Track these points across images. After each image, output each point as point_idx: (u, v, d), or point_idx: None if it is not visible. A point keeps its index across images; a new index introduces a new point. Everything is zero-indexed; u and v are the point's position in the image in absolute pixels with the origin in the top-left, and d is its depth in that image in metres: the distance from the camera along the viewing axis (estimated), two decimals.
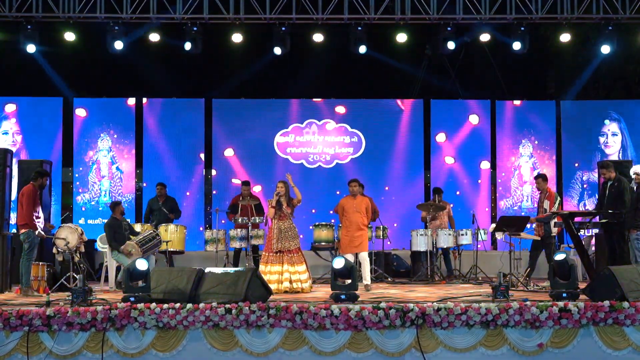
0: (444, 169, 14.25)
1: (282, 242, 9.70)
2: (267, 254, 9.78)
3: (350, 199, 10.17)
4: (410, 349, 7.01)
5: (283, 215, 9.80)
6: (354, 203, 10.10)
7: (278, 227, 9.76)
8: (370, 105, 14.45)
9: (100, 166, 13.92)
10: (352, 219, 10.02)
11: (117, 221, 10.43)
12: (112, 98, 14.19)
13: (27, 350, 6.95)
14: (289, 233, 9.73)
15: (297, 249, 9.78)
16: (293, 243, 9.72)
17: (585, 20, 12.08)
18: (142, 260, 7.51)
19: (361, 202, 10.16)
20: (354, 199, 10.14)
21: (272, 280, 9.41)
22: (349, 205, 10.10)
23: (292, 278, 9.58)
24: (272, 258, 9.69)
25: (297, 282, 9.57)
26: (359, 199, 10.17)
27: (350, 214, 10.05)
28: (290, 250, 9.69)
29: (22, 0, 11.70)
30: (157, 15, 11.89)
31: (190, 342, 7.04)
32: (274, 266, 9.63)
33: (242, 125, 14.19)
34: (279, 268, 9.62)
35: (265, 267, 9.62)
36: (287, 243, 9.69)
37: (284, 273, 9.58)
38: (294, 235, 9.77)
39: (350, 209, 10.06)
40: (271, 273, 9.56)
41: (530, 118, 14.33)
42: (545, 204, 10.51)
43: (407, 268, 12.46)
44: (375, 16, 11.96)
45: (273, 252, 9.71)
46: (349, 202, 10.14)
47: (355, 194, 10.16)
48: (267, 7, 11.87)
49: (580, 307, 6.97)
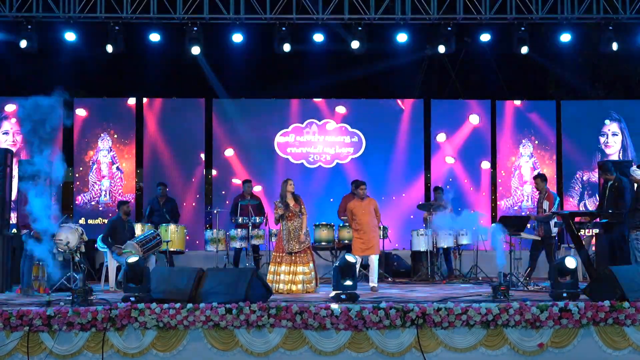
0: (444, 169, 14.25)
1: (292, 242, 9.63)
2: (278, 254, 9.69)
3: (358, 202, 10.13)
4: (410, 348, 7.01)
5: (292, 214, 9.71)
6: (362, 205, 10.08)
7: (287, 227, 9.67)
8: (370, 105, 14.45)
9: (101, 166, 13.91)
10: (363, 221, 9.99)
11: (122, 221, 10.47)
12: (112, 98, 14.19)
13: (27, 350, 6.96)
14: (295, 233, 9.64)
15: (307, 249, 9.71)
16: (304, 244, 9.65)
17: (585, 20, 12.08)
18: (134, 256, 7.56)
19: (369, 203, 10.14)
20: (362, 202, 10.11)
21: (285, 281, 9.40)
22: (359, 208, 10.06)
23: (304, 279, 9.54)
24: (283, 258, 9.63)
25: (307, 284, 9.53)
26: (366, 201, 10.14)
27: (360, 217, 10.01)
28: (300, 251, 9.66)
29: (22, 0, 11.70)
30: (157, 15, 11.90)
31: (190, 342, 7.05)
32: (286, 266, 9.55)
33: (243, 125, 14.17)
34: (290, 268, 9.54)
35: (276, 267, 9.54)
36: (295, 244, 9.61)
37: (297, 275, 9.53)
38: (299, 235, 9.64)
39: (359, 211, 10.03)
40: (284, 273, 9.50)
41: (530, 118, 14.32)
42: (544, 204, 10.51)
43: (407, 268, 12.46)
44: (376, 16, 11.97)
45: (284, 253, 9.64)
46: (357, 204, 10.10)
47: (363, 196, 10.15)
48: (267, 7, 11.88)
49: (581, 307, 6.98)
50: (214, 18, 11.98)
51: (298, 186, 10.07)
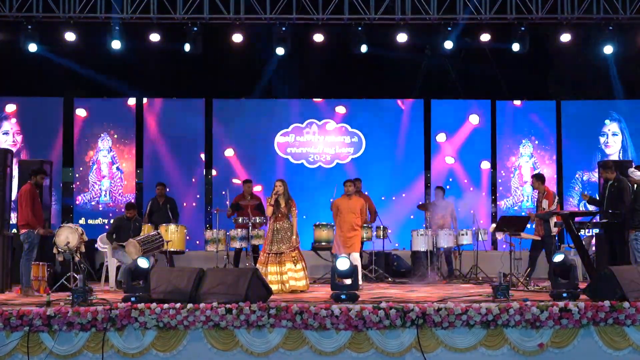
0: (444, 169, 14.25)
1: (277, 244, 9.68)
2: (264, 254, 9.76)
3: (345, 200, 10.20)
4: (410, 349, 7.01)
5: (280, 215, 9.77)
6: (348, 203, 10.13)
7: (274, 228, 9.74)
8: (370, 105, 14.45)
9: (101, 166, 13.91)
10: (345, 219, 10.06)
11: (125, 220, 10.57)
12: (112, 98, 14.19)
13: (27, 351, 6.96)
14: (283, 234, 9.70)
15: (293, 249, 9.74)
16: (287, 245, 9.68)
17: (585, 20, 12.09)
18: (143, 259, 7.53)
19: (356, 202, 10.18)
20: (349, 200, 10.17)
21: (273, 281, 9.39)
22: (344, 206, 10.13)
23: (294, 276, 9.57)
24: (268, 259, 9.65)
25: (292, 280, 9.56)
26: (353, 200, 10.20)
27: (344, 214, 10.08)
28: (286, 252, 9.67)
29: (22, 0, 11.70)
30: (158, 15, 11.90)
31: (190, 342, 7.05)
32: (272, 267, 9.59)
33: (243, 125, 14.19)
34: (276, 269, 9.58)
35: (263, 269, 9.54)
36: (282, 245, 9.66)
37: (283, 274, 9.56)
38: (288, 236, 9.70)
39: (344, 209, 10.10)
40: (270, 274, 9.52)
41: (530, 118, 14.33)
42: (544, 204, 10.52)
43: (407, 268, 12.46)
44: (376, 16, 11.98)
45: (269, 253, 9.68)
46: (343, 202, 10.18)
47: (350, 194, 10.18)
48: (267, 7, 11.88)
49: (581, 307, 6.97)
50: (213, 18, 11.98)
51: (298, 186, 10.10)
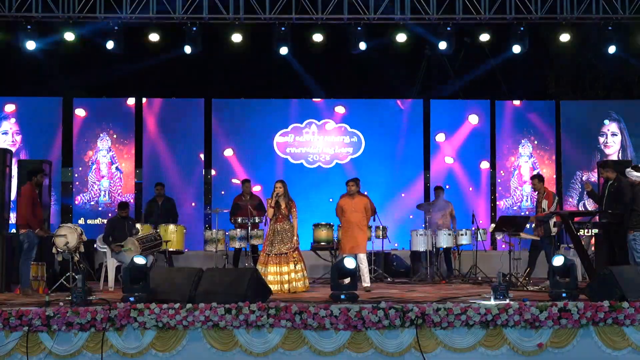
0: (443, 169, 14.24)
1: (277, 245, 9.68)
2: (264, 255, 9.75)
3: (348, 199, 10.13)
4: (410, 349, 7.01)
5: (281, 216, 9.77)
6: (352, 203, 10.08)
7: (274, 229, 9.75)
8: (370, 105, 14.45)
9: (100, 166, 13.91)
10: (350, 219, 9.99)
11: (119, 220, 10.58)
12: (112, 98, 14.19)
13: (26, 350, 6.95)
14: (283, 235, 9.70)
15: (292, 250, 9.74)
16: (288, 246, 9.67)
17: (585, 20, 12.08)
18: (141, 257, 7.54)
19: (359, 201, 10.13)
20: (352, 199, 10.11)
21: (272, 282, 9.39)
22: (348, 206, 10.06)
23: (294, 277, 9.57)
24: (268, 259, 9.65)
25: (297, 282, 9.57)
26: (357, 199, 10.14)
27: (348, 214, 10.01)
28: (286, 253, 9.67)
29: (21, 0, 11.69)
30: (157, 15, 11.89)
31: (189, 342, 7.04)
32: (272, 267, 9.59)
33: (242, 125, 14.19)
34: (276, 269, 9.58)
35: (262, 269, 9.53)
36: (281, 246, 9.67)
37: (283, 275, 9.56)
38: (289, 237, 9.70)
39: (348, 209, 10.04)
40: (270, 274, 9.52)
41: (530, 118, 14.32)
42: (543, 204, 10.51)
43: (406, 268, 12.46)
44: (375, 16, 11.96)
45: (269, 254, 9.67)
46: (347, 202, 10.11)
47: (353, 193, 10.15)
48: (267, 7, 11.86)
49: (580, 307, 6.97)
50: (213, 18, 11.98)
51: (298, 186, 10.08)
